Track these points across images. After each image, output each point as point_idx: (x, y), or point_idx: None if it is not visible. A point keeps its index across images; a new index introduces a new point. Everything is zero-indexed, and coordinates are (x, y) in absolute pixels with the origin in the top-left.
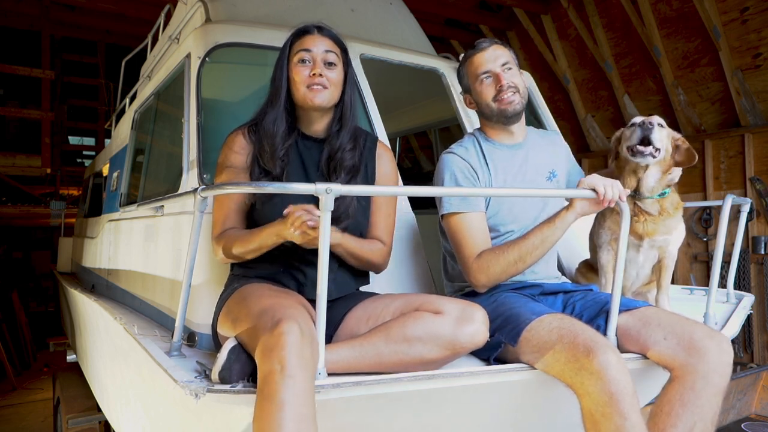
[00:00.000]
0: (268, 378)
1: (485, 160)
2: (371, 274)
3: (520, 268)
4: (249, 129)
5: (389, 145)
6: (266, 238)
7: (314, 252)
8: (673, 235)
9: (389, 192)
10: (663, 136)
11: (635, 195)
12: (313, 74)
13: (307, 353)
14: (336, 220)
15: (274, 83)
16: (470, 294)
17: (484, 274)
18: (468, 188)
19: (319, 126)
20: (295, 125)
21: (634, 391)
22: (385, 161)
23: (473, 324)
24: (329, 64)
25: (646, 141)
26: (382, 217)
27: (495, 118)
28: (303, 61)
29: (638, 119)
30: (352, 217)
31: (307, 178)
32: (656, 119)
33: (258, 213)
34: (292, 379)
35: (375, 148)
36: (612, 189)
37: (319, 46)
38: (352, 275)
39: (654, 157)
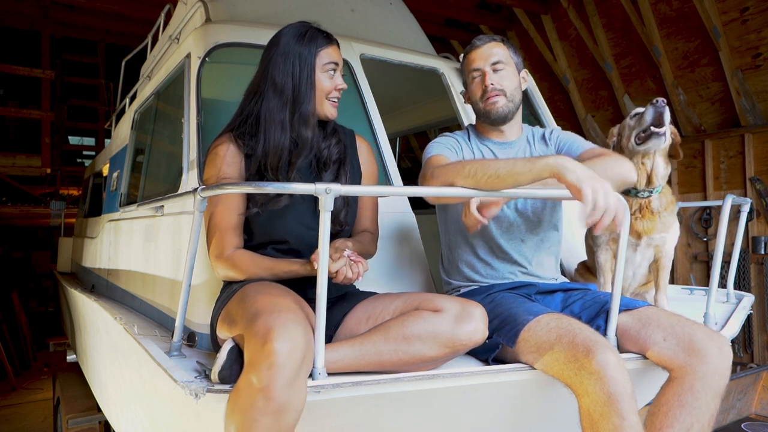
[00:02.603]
0: (248, 391)
1: (470, 148)
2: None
3: (468, 184)
4: (236, 135)
5: (389, 145)
6: (288, 275)
7: None
8: (670, 232)
9: (389, 192)
10: (668, 122)
11: (637, 193)
12: (339, 88)
13: (293, 373)
14: (338, 212)
15: (294, 87)
16: (468, 294)
17: (438, 177)
18: (467, 189)
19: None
20: None
21: (632, 391)
22: (365, 153)
23: (472, 322)
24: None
25: (659, 121)
26: (369, 210)
27: (482, 117)
28: (332, 72)
29: (640, 109)
30: (351, 206)
31: (301, 178)
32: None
33: (257, 224)
34: (268, 403)
35: (355, 141)
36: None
37: (339, 59)
38: None
39: (665, 140)
